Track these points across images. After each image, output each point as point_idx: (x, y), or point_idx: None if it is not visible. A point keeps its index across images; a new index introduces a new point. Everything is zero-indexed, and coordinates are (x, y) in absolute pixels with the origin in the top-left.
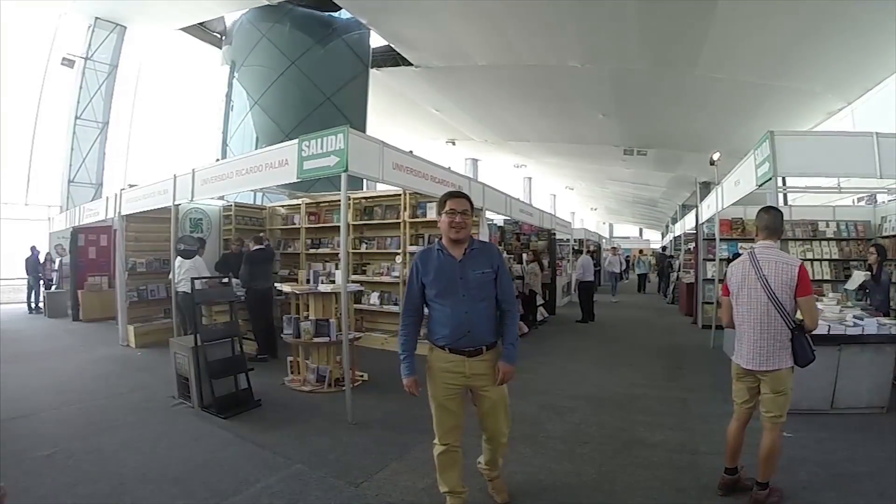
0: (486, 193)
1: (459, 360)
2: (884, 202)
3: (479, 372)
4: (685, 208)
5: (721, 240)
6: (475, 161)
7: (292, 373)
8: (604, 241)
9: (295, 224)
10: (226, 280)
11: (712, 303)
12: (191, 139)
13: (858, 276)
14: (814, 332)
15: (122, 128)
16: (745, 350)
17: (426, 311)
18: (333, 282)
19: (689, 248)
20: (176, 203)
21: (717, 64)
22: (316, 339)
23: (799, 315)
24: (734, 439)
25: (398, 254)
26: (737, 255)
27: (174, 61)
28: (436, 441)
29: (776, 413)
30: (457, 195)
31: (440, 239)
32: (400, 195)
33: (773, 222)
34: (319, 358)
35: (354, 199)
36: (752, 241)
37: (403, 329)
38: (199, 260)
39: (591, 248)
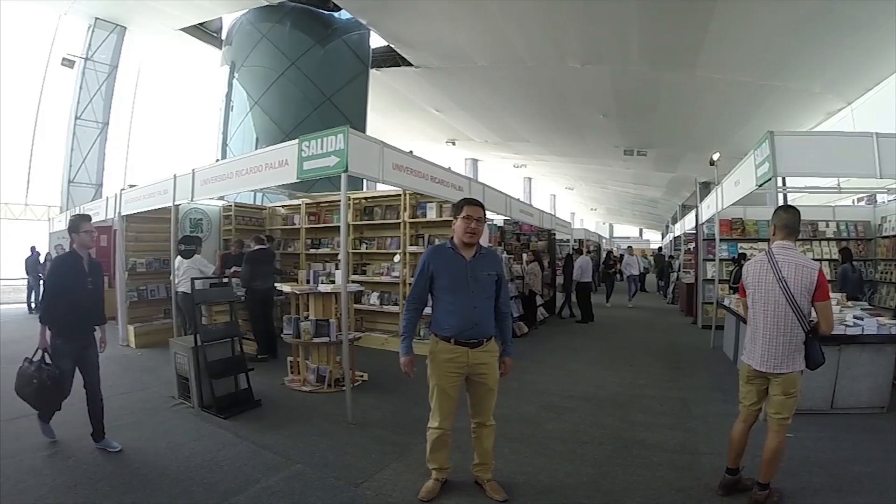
0: (486, 193)
1: (463, 350)
2: (884, 202)
3: (480, 361)
4: (685, 208)
5: (721, 240)
6: (475, 161)
7: (292, 373)
8: (604, 241)
9: (295, 224)
10: (226, 280)
11: (712, 303)
12: (191, 139)
13: None
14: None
15: (122, 128)
16: (760, 351)
17: (429, 303)
18: (333, 282)
19: (689, 249)
20: (176, 203)
21: (716, 64)
22: (316, 340)
23: (812, 317)
24: (739, 441)
25: (398, 254)
26: (742, 256)
27: (174, 62)
28: (433, 425)
29: (785, 415)
30: (474, 202)
31: (451, 238)
32: (400, 195)
33: (791, 221)
34: (319, 358)
35: (354, 199)
36: (751, 241)
37: (408, 314)
38: (200, 259)
39: (591, 248)
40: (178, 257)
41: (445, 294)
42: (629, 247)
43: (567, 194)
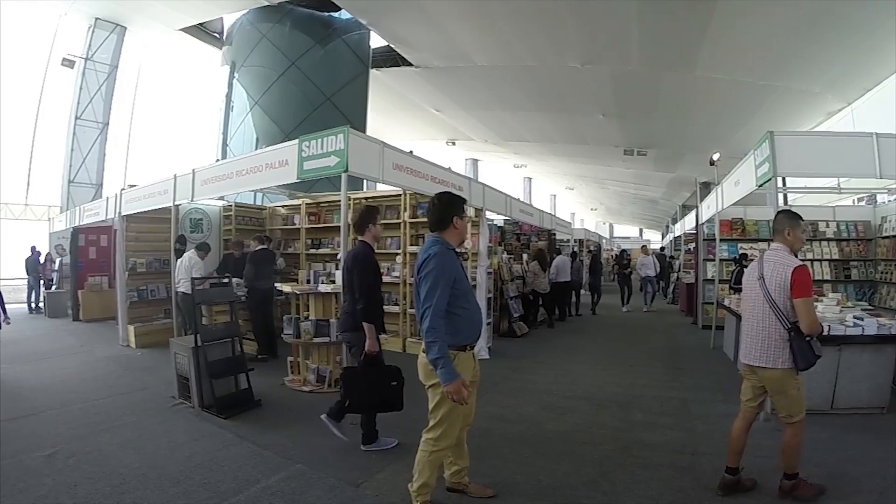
0: (486, 193)
1: (471, 355)
2: (884, 202)
3: (476, 362)
4: (685, 208)
5: (721, 240)
6: (475, 161)
7: (292, 373)
8: (604, 240)
9: (295, 224)
10: (225, 279)
11: (712, 303)
12: (191, 139)
13: None
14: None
15: (122, 128)
16: (743, 344)
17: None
18: (333, 282)
19: (689, 249)
20: (176, 203)
21: (716, 64)
22: (316, 340)
23: None
24: (737, 439)
25: (398, 254)
26: (743, 256)
27: (174, 62)
28: (444, 447)
29: (784, 413)
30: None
31: (442, 237)
32: (400, 195)
33: (778, 224)
34: (319, 358)
35: (354, 199)
36: (751, 241)
37: (440, 332)
38: (196, 260)
39: (592, 247)
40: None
41: (461, 301)
42: (644, 245)
43: (567, 194)
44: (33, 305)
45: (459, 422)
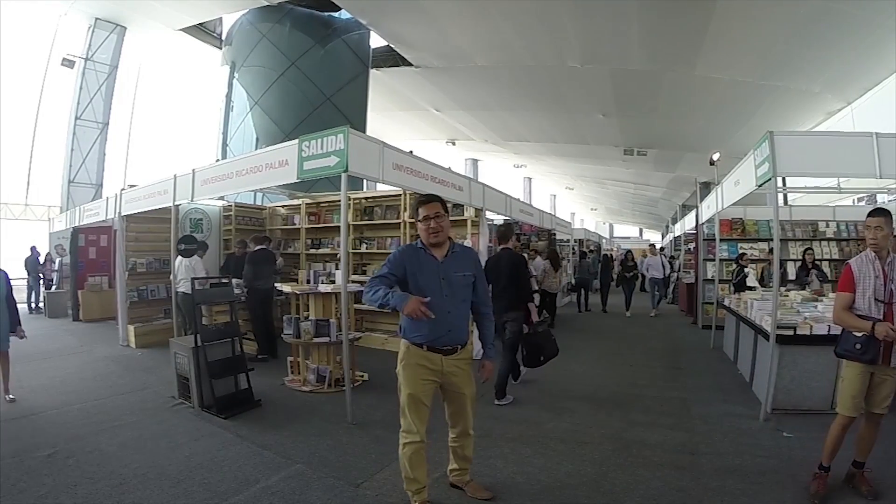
0: (486, 193)
1: (437, 357)
2: (884, 202)
3: (454, 370)
4: (685, 208)
5: (721, 240)
6: (475, 161)
7: (292, 373)
8: (604, 241)
9: (295, 224)
10: (225, 280)
11: (712, 303)
12: (191, 139)
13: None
14: (815, 332)
15: (122, 128)
16: None
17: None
18: (333, 282)
19: (690, 249)
20: (176, 203)
21: (716, 64)
22: (316, 340)
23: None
24: (857, 433)
25: None
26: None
27: (174, 62)
28: (411, 439)
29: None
30: (428, 200)
31: (419, 239)
32: (400, 195)
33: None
34: (319, 358)
35: (354, 199)
36: (751, 241)
37: (377, 285)
38: (196, 259)
39: (592, 247)
40: (178, 257)
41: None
42: (651, 245)
43: (567, 194)
44: (33, 305)
45: (419, 414)
